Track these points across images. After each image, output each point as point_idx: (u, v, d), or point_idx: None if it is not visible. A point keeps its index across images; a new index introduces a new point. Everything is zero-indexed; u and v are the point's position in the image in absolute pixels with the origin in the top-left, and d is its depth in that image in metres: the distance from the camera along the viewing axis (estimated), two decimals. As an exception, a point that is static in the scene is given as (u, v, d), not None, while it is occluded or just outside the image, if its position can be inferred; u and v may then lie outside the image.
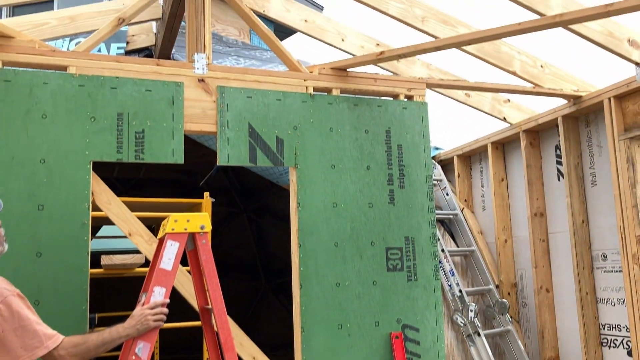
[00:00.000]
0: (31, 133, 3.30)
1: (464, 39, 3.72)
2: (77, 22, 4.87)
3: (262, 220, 10.41)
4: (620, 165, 4.29)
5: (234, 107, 3.77)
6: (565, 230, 4.93)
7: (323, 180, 3.89)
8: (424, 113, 4.28)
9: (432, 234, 4.11)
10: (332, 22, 5.29)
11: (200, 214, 2.97)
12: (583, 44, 4.23)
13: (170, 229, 2.87)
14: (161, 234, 3.01)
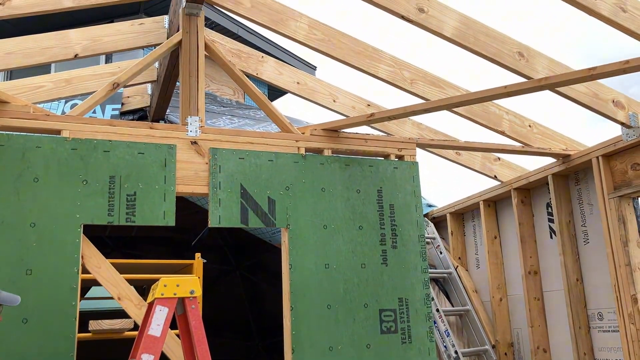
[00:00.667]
0: (22, 197, 3.30)
1: (452, 102, 3.80)
2: (73, 85, 4.96)
3: (256, 277, 10.29)
4: (611, 223, 4.30)
5: (226, 169, 3.80)
6: (560, 288, 4.89)
7: (315, 241, 3.88)
8: (415, 173, 4.32)
9: (426, 294, 4.07)
10: (324, 83, 5.40)
11: (190, 277, 2.94)
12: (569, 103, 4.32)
13: (159, 294, 2.83)
14: (150, 298, 2.96)
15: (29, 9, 3.83)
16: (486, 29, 4.03)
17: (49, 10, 3.88)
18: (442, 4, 3.94)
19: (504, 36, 4.08)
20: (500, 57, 4.04)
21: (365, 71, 4.65)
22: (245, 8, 4.31)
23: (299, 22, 4.48)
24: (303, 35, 4.49)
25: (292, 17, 4.47)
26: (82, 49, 4.55)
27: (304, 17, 4.51)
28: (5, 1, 3.74)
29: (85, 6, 3.97)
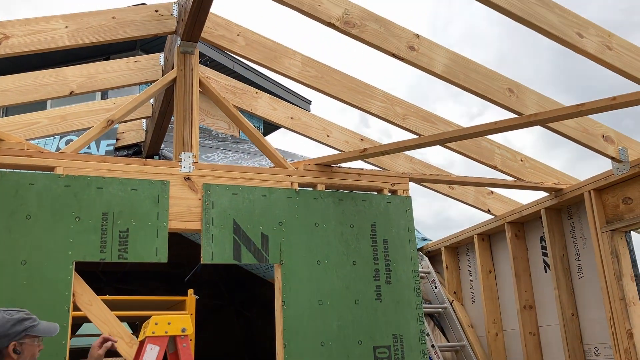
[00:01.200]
0: (14, 234, 3.29)
1: (444, 137, 3.84)
2: (68, 121, 5.00)
3: (250, 313, 10.18)
4: (604, 257, 4.31)
5: (219, 204, 3.80)
6: (556, 323, 4.86)
7: (308, 276, 3.86)
8: (409, 207, 4.33)
9: (420, 330, 4.04)
10: (317, 118, 5.46)
11: (182, 315, 2.92)
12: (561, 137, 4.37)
13: (150, 332, 2.81)
14: (142, 336, 2.94)
15: (25, 48, 3.88)
16: (476, 65, 4.11)
17: (45, 48, 3.93)
18: (432, 42, 4.02)
19: (494, 73, 4.15)
20: (491, 94, 4.10)
21: (358, 107, 4.71)
22: (239, 46, 4.39)
23: (293, 59, 4.56)
24: (297, 72, 4.56)
25: (286, 54, 4.55)
26: (78, 86, 4.60)
27: (298, 55, 4.58)
28: (2, 40, 3.79)
29: (80, 45, 4.03)
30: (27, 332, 2.43)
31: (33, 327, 2.46)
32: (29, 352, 2.44)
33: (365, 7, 3.90)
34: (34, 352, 2.47)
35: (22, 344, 2.41)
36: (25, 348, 2.43)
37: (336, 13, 3.81)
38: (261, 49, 4.47)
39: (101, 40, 4.09)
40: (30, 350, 2.45)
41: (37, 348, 2.49)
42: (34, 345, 2.48)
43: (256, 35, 4.47)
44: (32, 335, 2.45)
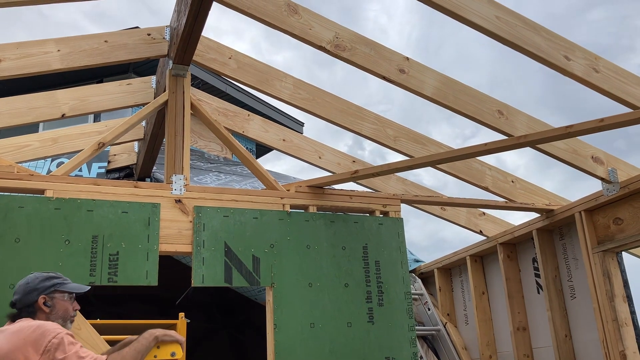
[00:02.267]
0: (2, 257, 3.26)
1: (435, 159, 3.86)
2: (59, 144, 4.99)
3: (243, 336, 10.07)
4: (596, 278, 4.31)
5: (210, 227, 3.79)
6: (549, 345, 4.84)
7: (300, 299, 3.83)
8: (400, 229, 4.33)
9: (413, 353, 4.01)
10: (309, 140, 5.48)
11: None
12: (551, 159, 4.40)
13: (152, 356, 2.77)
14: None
15: (18, 71, 3.90)
16: (465, 88, 4.15)
17: (37, 72, 3.95)
18: (422, 64, 4.06)
19: (483, 95, 4.20)
20: (480, 115, 4.14)
21: (349, 129, 4.74)
22: (231, 69, 4.42)
23: (284, 82, 4.59)
24: (288, 94, 4.59)
25: (277, 77, 4.58)
26: (70, 109, 4.61)
27: (289, 77, 4.62)
28: (-6, 63, 3.80)
29: (72, 68, 4.05)
30: (56, 287, 2.49)
31: (62, 284, 2.52)
32: (60, 306, 2.49)
33: (357, 31, 3.95)
34: (66, 308, 2.52)
35: (52, 298, 2.47)
36: (57, 303, 2.48)
37: (327, 37, 3.85)
38: (252, 71, 4.51)
39: (94, 63, 4.11)
40: (62, 305, 2.50)
41: (69, 305, 2.53)
42: (66, 301, 2.52)
43: (247, 58, 4.51)
44: (62, 291, 2.51)
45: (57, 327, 2.31)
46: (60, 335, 2.26)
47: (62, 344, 2.23)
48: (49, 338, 2.23)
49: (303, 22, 3.81)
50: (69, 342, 2.26)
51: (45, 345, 2.22)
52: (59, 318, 2.48)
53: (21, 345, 2.23)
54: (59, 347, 2.22)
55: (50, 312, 2.46)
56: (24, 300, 2.45)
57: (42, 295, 2.45)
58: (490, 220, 5.70)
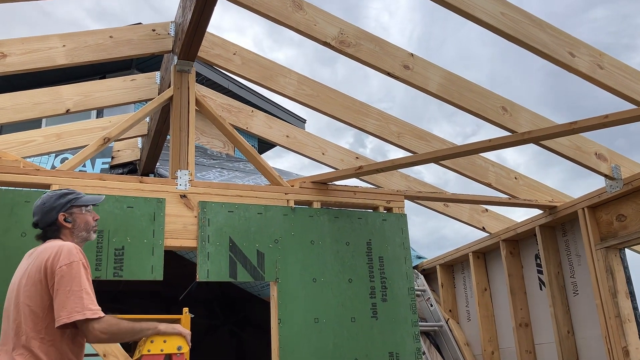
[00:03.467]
0: (9, 251, 3.27)
1: (438, 155, 3.87)
2: (63, 140, 5.00)
3: (244, 332, 10.09)
4: (599, 274, 4.32)
5: (215, 222, 3.80)
6: (552, 341, 4.85)
7: (304, 294, 3.85)
8: (404, 225, 4.34)
9: (416, 348, 4.02)
10: (313, 137, 5.49)
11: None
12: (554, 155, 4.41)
13: (146, 351, 2.77)
14: (137, 355, 2.90)
15: (23, 66, 3.90)
16: (470, 84, 4.16)
17: (42, 67, 3.95)
18: (427, 61, 4.07)
19: (487, 91, 4.20)
20: (484, 112, 4.15)
21: (353, 125, 4.74)
22: (236, 65, 4.43)
23: (288, 78, 4.60)
24: (292, 90, 4.60)
25: (282, 73, 4.59)
26: (74, 104, 4.62)
27: (293, 73, 4.62)
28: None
29: (77, 63, 4.06)
30: (72, 202, 2.58)
31: (77, 199, 2.61)
32: (81, 220, 2.60)
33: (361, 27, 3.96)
34: (87, 220, 2.62)
35: (71, 213, 2.57)
36: (76, 217, 2.58)
37: (332, 32, 3.85)
38: (257, 67, 4.51)
39: (98, 58, 4.11)
40: (82, 218, 2.60)
41: (89, 216, 2.63)
42: (84, 214, 2.62)
43: (252, 54, 4.52)
44: (79, 205, 2.60)
45: (71, 254, 2.37)
46: (72, 265, 2.33)
47: (66, 275, 2.31)
48: (59, 264, 2.33)
49: (308, 18, 3.82)
50: (75, 274, 2.32)
51: (55, 270, 2.32)
52: (82, 231, 2.60)
53: (42, 266, 2.35)
54: (64, 276, 2.30)
55: (73, 227, 2.57)
56: (45, 220, 2.55)
57: (61, 213, 2.54)
58: (493, 217, 5.71)
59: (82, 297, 2.30)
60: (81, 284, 2.33)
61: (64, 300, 2.28)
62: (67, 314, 2.26)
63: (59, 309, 2.27)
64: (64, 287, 2.29)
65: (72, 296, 2.28)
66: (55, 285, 2.31)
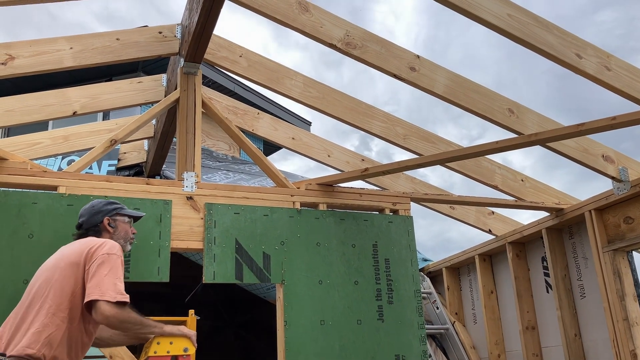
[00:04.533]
0: (16, 253, 3.28)
1: (445, 157, 3.86)
2: (70, 142, 5.02)
3: (249, 334, 10.09)
4: (607, 277, 4.30)
5: (222, 224, 3.80)
6: (559, 344, 4.83)
7: (310, 296, 3.84)
8: (410, 227, 4.33)
9: (422, 351, 4.01)
10: (318, 139, 5.49)
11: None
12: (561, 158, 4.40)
13: (152, 352, 2.78)
14: (143, 357, 2.91)
15: (30, 68, 3.92)
16: (476, 86, 4.15)
17: (50, 69, 3.97)
18: (433, 62, 4.07)
19: (494, 93, 4.19)
20: (491, 114, 4.14)
21: (359, 127, 4.74)
22: (242, 67, 4.43)
23: (294, 80, 4.60)
24: (298, 92, 4.60)
25: (288, 75, 4.59)
26: (81, 107, 4.63)
27: (299, 76, 4.63)
28: (7, 61, 3.83)
29: (85, 65, 4.07)
30: (117, 210, 2.86)
31: (122, 209, 2.90)
32: (122, 228, 2.86)
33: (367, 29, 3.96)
34: (127, 230, 2.88)
35: (115, 220, 2.84)
36: (119, 224, 2.85)
37: (337, 34, 3.86)
38: (263, 70, 4.52)
39: (105, 61, 4.13)
40: (123, 227, 2.87)
41: (129, 228, 2.89)
42: (126, 224, 2.88)
43: (258, 57, 4.52)
44: (122, 214, 2.88)
45: (115, 248, 2.58)
46: (112, 255, 2.53)
47: (106, 262, 2.50)
48: (102, 251, 2.53)
49: (314, 20, 3.82)
50: (113, 264, 2.50)
51: (97, 256, 2.51)
52: (120, 238, 2.82)
53: (84, 251, 2.54)
54: (104, 262, 2.49)
55: (114, 232, 2.81)
56: (90, 221, 2.79)
57: (107, 217, 2.81)
58: (499, 219, 5.69)
59: (116, 283, 2.47)
60: (117, 273, 2.51)
61: (100, 281, 2.44)
62: (98, 292, 2.41)
63: (93, 287, 2.43)
64: (102, 271, 2.47)
65: (108, 280, 2.45)
66: (92, 268, 2.47)
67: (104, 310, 2.41)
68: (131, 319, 2.52)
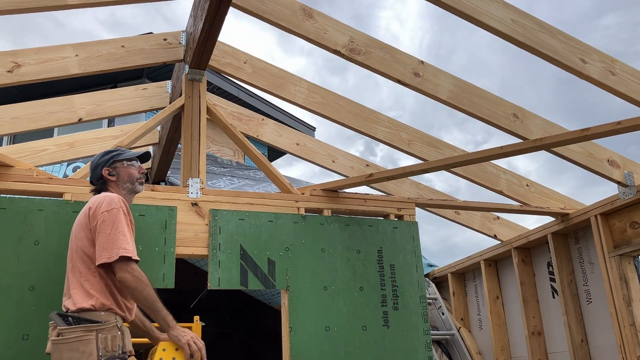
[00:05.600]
0: (22, 260, 3.29)
1: (449, 162, 3.85)
2: (75, 148, 5.04)
3: (254, 341, 10.08)
4: (613, 282, 4.28)
5: (226, 230, 3.81)
6: (565, 349, 4.80)
7: (315, 302, 3.84)
8: (415, 232, 4.32)
9: (428, 357, 3.99)
10: (323, 144, 5.50)
11: (189, 342, 2.88)
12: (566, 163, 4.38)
13: (157, 359, 2.78)
14: (148, 363, 2.91)
15: (36, 76, 3.94)
16: (480, 91, 4.15)
17: (55, 76, 3.99)
18: (437, 68, 4.07)
19: (498, 98, 4.19)
20: (495, 119, 4.14)
21: (363, 132, 4.74)
22: (246, 73, 4.45)
23: (299, 86, 4.61)
24: (302, 98, 4.61)
25: (292, 81, 4.60)
26: (86, 114, 4.66)
27: (303, 82, 4.64)
28: (14, 68, 3.85)
29: (90, 72, 4.09)
30: (114, 158, 2.90)
31: (119, 154, 2.91)
32: (124, 173, 2.89)
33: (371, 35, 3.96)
34: (130, 173, 2.91)
35: (114, 168, 2.88)
36: (120, 171, 2.89)
37: (342, 40, 3.87)
38: (267, 76, 4.53)
39: (111, 68, 4.15)
40: (126, 172, 2.90)
41: (134, 170, 2.92)
42: (127, 167, 2.91)
43: (262, 63, 4.54)
44: (121, 160, 2.90)
45: (112, 202, 2.64)
46: (112, 211, 2.60)
47: (107, 219, 2.58)
48: (101, 209, 2.62)
49: (318, 27, 3.83)
50: (113, 219, 2.58)
51: (96, 214, 2.62)
52: (126, 183, 2.89)
53: (88, 213, 2.67)
54: (105, 221, 2.58)
55: (117, 180, 2.88)
56: (94, 175, 2.90)
57: (105, 168, 2.87)
58: (504, 225, 5.67)
59: (118, 238, 2.54)
60: (119, 228, 2.57)
61: (104, 241, 2.54)
62: (107, 254, 2.52)
63: (100, 250, 2.54)
64: (104, 231, 2.56)
65: (110, 238, 2.54)
66: (97, 229, 2.58)
67: (116, 270, 2.53)
68: (146, 286, 2.57)
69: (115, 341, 2.50)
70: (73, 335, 2.45)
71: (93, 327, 2.47)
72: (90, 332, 2.46)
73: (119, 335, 2.54)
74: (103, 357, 2.43)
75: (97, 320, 2.51)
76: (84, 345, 2.43)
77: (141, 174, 2.96)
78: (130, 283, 2.54)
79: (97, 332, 2.46)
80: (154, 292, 2.62)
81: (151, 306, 2.61)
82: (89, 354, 2.41)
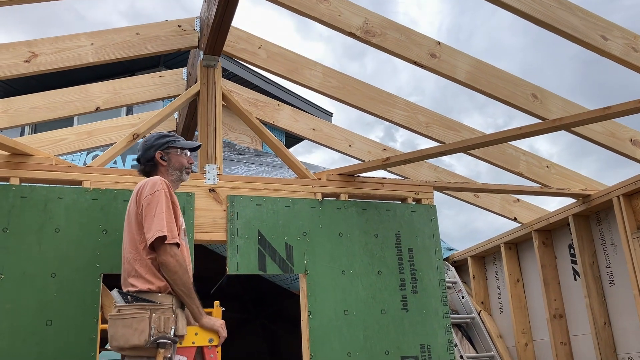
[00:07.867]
0: (43, 247, 3.34)
1: (467, 144, 3.80)
2: (94, 137, 5.08)
3: (276, 326, 10.15)
4: (636, 263, 4.20)
5: (244, 215, 3.82)
6: (587, 332, 4.75)
7: (334, 286, 3.84)
8: (433, 216, 4.29)
9: (448, 340, 3.98)
10: (339, 129, 5.47)
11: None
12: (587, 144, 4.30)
13: (178, 343, 2.81)
14: (169, 348, 2.94)
15: (53, 65, 3.97)
16: (498, 71, 4.08)
17: (72, 65, 4.02)
18: (454, 49, 4.01)
19: (517, 78, 4.12)
20: (514, 99, 4.07)
21: (380, 116, 4.71)
22: (261, 59, 4.43)
23: (314, 70, 4.58)
24: (318, 83, 4.58)
25: (307, 65, 4.58)
26: (104, 102, 4.69)
27: (319, 66, 4.61)
28: (30, 58, 3.89)
29: (106, 61, 4.11)
30: (170, 144, 2.93)
31: (175, 141, 2.95)
32: (175, 160, 2.94)
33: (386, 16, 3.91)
34: (181, 161, 2.96)
35: (167, 153, 2.92)
36: (172, 157, 2.93)
37: (356, 23, 3.82)
38: (282, 61, 4.51)
39: (126, 56, 4.16)
40: (177, 159, 2.94)
41: (184, 159, 2.96)
42: (179, 155, 2.95)
43: (277, 48, 4.51)
44: (175, 147, 2.94)
45: (156, 185, 2.71)
46: (155, 193, 2.67)
47: (151, 202, 2.66)
48: (145, 193, 2.71)
49: (332, 9, 3.80)
50: (156, 201, 2.66)
51: (141, 197, 2.71)
52: (175, 170, 2.95)
53: (135, 198, 2.76)
54: (150, 204, 2.66)
55: (168, 165, 2.93)
56: (145, 156, 2.93)
57: (159, 151, 2.90)
58: (524, 207, 5.61)
59: (162, 218, 2.62)
60: (161, 209, 2.64)
61: (150, 224, 2.62)
62: (151, 235, 2.60)
63: (147, 232, 2.63)
64: (150, 213, 2.64)
65: (155, 220, 2.62)
66: (143, 212, 2.67)
67: (158, 253, 2.62)
68: (185, 271, 2.63)
69: (168, 322, 2.57)
70: (129, 312, 2.55)
71: (148, 307, 2.56)
72: (144, 311, 2.54)
73: (172, 318, 2.60)
74: (154, 337, 2.51)
75: (153, 301, 2.60)
76: (137, 322, 2.52)
77: (190, 164, 3.01)
78: (172, 267, 2.61)
79: (152, 312, 2.55)
80: (191, 279, 2.70)
81: (189, 292, 2.68)
82: (141, 331, 2.50)
